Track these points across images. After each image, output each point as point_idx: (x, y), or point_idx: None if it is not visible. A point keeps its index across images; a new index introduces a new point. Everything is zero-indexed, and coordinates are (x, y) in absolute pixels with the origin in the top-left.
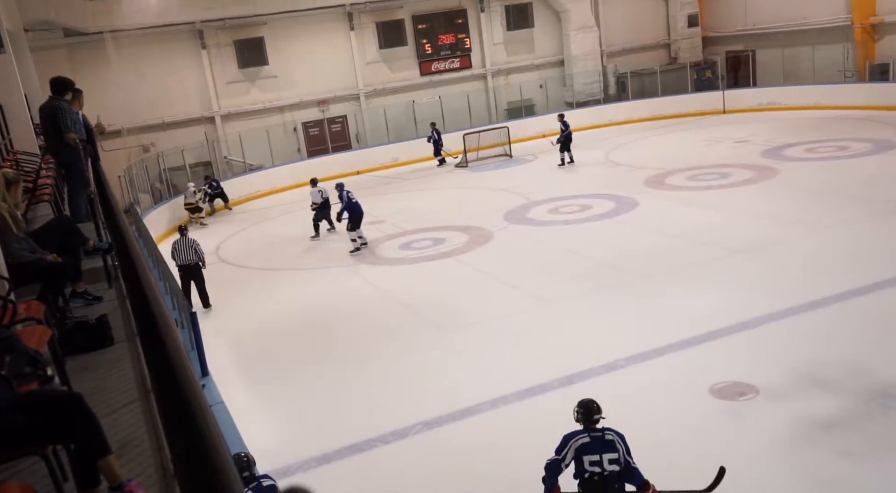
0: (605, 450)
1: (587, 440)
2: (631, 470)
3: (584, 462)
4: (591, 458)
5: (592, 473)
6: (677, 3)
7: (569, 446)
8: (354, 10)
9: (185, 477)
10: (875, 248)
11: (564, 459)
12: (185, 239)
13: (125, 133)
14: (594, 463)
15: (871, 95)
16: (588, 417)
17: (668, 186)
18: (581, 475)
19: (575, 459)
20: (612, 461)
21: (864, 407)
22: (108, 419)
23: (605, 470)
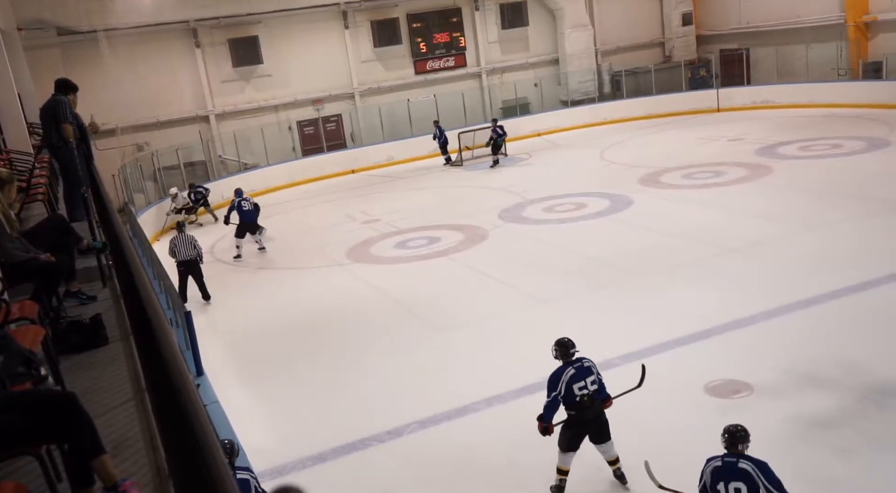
0: (586, 375)
1: (573, 372)
2: (603, 387)
3: (574, 390)
4: (579, 385)
5: (582, 396)
6: (671, 2)
7: (561, 381)
8: (349, 8)
9: (179, 477)
10: (869, 246)
11: (560, 392)
12: (183, 235)
13: (119, 132)
14: (582, 388)
15: (864, 93)
16: (566, 352)
17: (663, 184)
18: (571, 401)
19: (566, 390)
20: (593, 383)
21: (859, 405)
22: (102, 418)
23: (590, 391)
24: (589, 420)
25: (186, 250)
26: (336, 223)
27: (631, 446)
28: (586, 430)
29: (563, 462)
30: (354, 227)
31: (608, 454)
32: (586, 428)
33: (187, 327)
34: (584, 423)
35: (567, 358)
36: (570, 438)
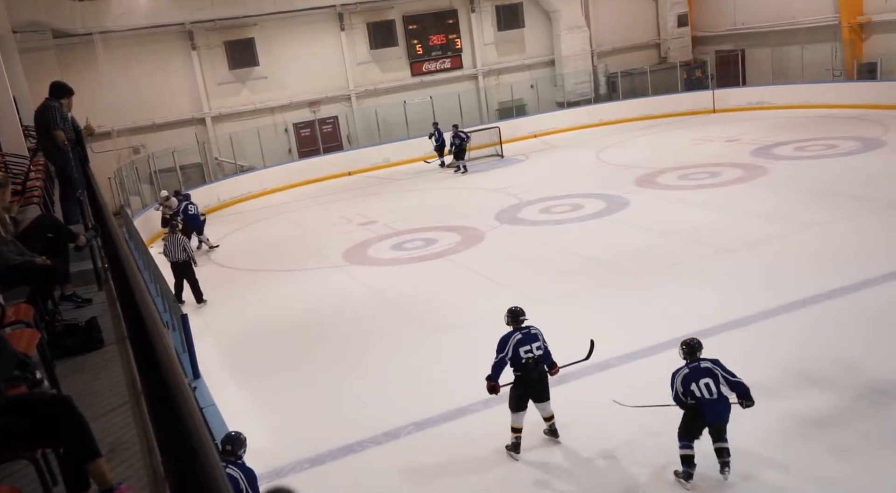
0: (532, 341)
1: (520, 336)
2: (548, 354)
3: (520, 352)
4: (524, 348)
5: (527, 358)
6: (667, 3)
7: (508, 344)
8: (345, 10)
9: (174, 480)
10: (866, 246)
11: (507, 354)
12: (174, 236)
13: (115, 134)
14: (527, 352)
15: (859, 93)
16: (516, 319)
17: (659, 185)
18: (518, 362)
19: (512, 353)
20: (538, 348)
21: (855, 404)
22: (98, 421)
23: (534, 354)
24: (534, 380)
25: (177, 252)
26: (332, 225)
27: (629, 446)
28: (531, 390)
29: (516, 421)
30: (351, 228)
31: (545, 411)
32: (531, 388)
33: (184, 330)
34: (528, 383)
35: (517, 324)
36: (518, 397)
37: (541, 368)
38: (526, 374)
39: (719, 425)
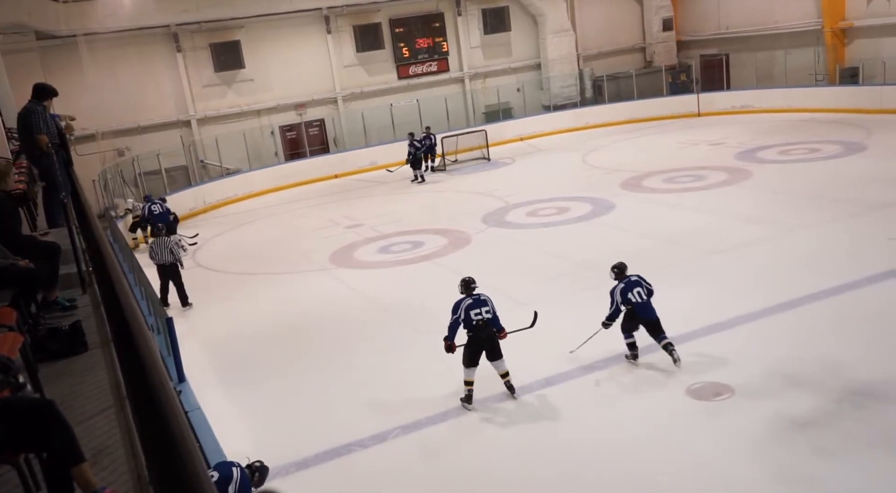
0: (482, 305)
1: (471, 301)
2: (496, 319)
3: (471, 315)
4: (475, 311)
5: (478, 320)
6: (652, 7)
7: (461, 308)
8: (331, 13)
9: (159, 484)
10: (848, 248)
11: (459, 316)
12: (161, 239)
13: (99, 137)
14: (477, 314)
15: (841, 97)
16: (468, 288)
17: (645, 188)
18: (470, 324)
19: (464, 315)
20: (486, 312)
21: (837, 406)
22: (82, 426)
23: (484, 317)
24: (483, 339)
25: (163, 255)
26: (319, 228)
27: (613, 449)
28: (482, 348)
29: (468, 376)
30: (338, 231)
31: (500, 368)
32: (482, 346)
33: (168, 334)
34: (479, 342)
35: (468, 292)
36: (470, 354)
37: (490, 329)
38: (477, 334)
39: (653, 321)
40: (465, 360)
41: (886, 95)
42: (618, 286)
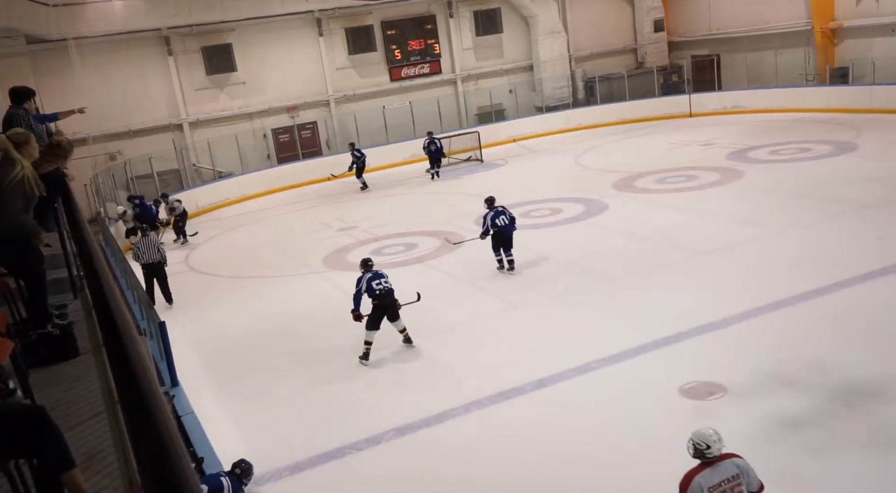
0: (381, 277)
1: (370, 275)
2: (393, 289)
3: (373, 285)
4: (376, 282)
5: (379, 289)
6: (643, 9)
7: (363, 281)
8: (323, 16)
9: (150, 489)
10: (837, 248)
11: (362, 288)
12: (147, 239)
13: (91, 141)
14: (378, 284)
15: (831, 97)
16: (366, 265)
17: (637, 188)
18: (373, 293)
19: (367, 287)
20: (385, 282)
21: (829, 405)
22: (73, 431)
23: (384, 287)
24: (386, 305)
25: (150, 254)
26: (312, 231)
27: (606, 448)
28: (385, 313)
29: (368, 337)
30: (330, 234)
31: (399, 326)
32: (384, 312)
33: (161, 338)
34: (383, 307)
35: (367, 269)
36: (375, 319)
37: (391, 297)
38: (381, 301)
39: (511, 239)
40: (369, 324)
41: (876, 94)
42: (488, 214)
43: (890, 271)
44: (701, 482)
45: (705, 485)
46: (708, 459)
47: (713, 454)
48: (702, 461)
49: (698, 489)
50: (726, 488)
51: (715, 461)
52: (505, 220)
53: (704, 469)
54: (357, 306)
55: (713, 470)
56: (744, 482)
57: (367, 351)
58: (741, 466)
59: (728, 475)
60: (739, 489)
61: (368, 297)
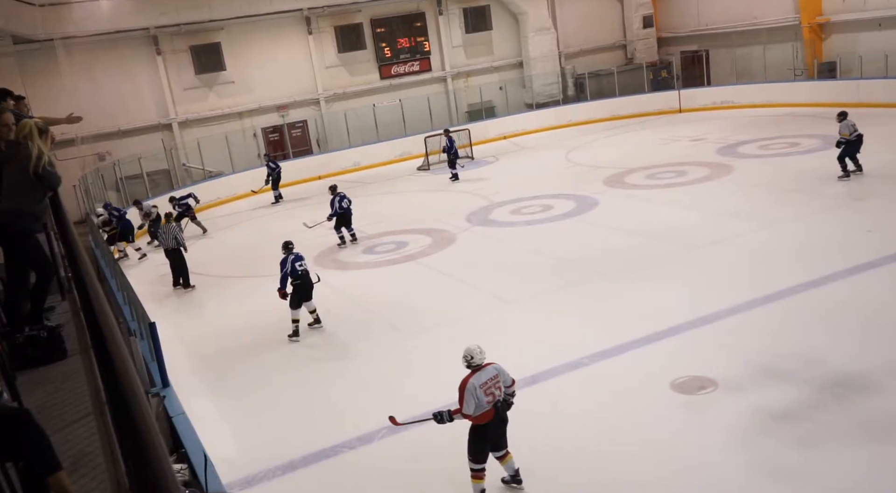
0: (302, 259)
1: (293, 256)
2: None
3: (296, 267)
4: (298, 263)
5: (301, 270)
6: (632, 5)
7: (288, 262)
8: (312, 14)
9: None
10: (826, 241)
11: (287, 270)
12: (167, 225)
13: (79, 142)
14: (300, 266)
15: (819, 92)
16: (287, 247)
17: (628, 184)
18: (296, 273)
19: (291, 268)
20: (304, 264)
21: (817, 397)
22: (61, 433)
23: (305, 268)
24: (307, 287)
25: (167, 241)
26: (303, 230)
27: (599, 444)
28: (305, 293)
29: (295, 315)
30: (322, 233)
31: (311, 306)
32: (305, 292)
33: (152, 338)
34: (304, 288)
35: (289, 252)
36: (298, 298)
37: (310, 277)
38: (303, 281)
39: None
40: (293, 303)
41: (863, 88)
42: (334, 198)
43: (879, 263)
44: (474, 383)
45: (477, 384)
46: (475, 366)
47: (477, 363)
48: (472, 369)
49: (473, 388)
50: (490, 384)
51: (480, 367)
52: (346, 203)
53: (475, 374)
54: (283, 287)
55: (480, 374)
56: (501, 379)
57: (296, 328)
58: (498, 368)
59: (490, 375)
60: (499, 384)
61: (290, 277)
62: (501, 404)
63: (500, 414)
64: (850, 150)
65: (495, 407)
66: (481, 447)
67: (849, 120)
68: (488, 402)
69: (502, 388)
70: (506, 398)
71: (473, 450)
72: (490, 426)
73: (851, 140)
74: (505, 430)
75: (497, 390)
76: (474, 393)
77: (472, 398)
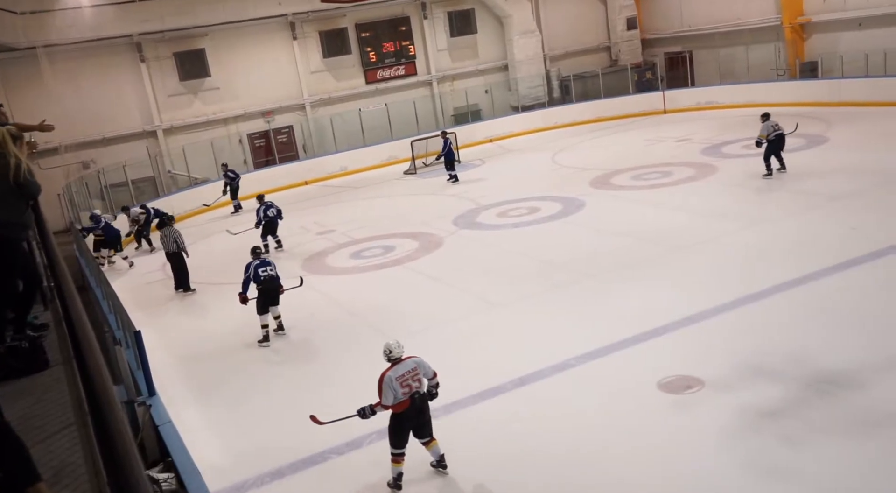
0: (267, 265)
1: (258, 262)
2: (279, 276)
3: (259, 272)
4: (262, 269)
5: (265, 276)
6: (616, 7)
7: (251, 268)
8: (296, 19)
9: None
10: (810, 240)
11: (250, 275)
12: (169, 229)
13: (63, 150)
14: (264, 271)
15: (801, 91)
16: (254, 252)
17: (614, 186)
18: (259, 279)
19: (254, 273)
20: (271, 270)
21: (803, 394)
22: (43, 444)
23: (269, 273)
24: (270, 290)
25: (168, 244)
26: (290, 235)
27: (587, 444)
28: (270, 296)
29: (263, 321)
30: (309, 238)
31: (275, 312)
32: (270, 295)
33: (138, 347)
34: (268, 292)
35: (256, 257)
36: (263, 303)
37: (275, 282)
38: (266, 286)
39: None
40: (259, 308)
41: (845, 88)
42: (260, 207)
43: (863, 260)
44: (391, 376)
45: (394, 376)
46: (394, 359)
47: (395, 357)
48: (391, 362)
49: (389, 381)
50: (408, 376)
51: (399, 361)
52: (273, 212)
53: (392, 367)
54: (245, 291)
55: (398, 367)
56: (421, 372)
57: (266, 334)
58: (418, 362)
59: (408, 368)
60: (418, 377)
61: (254, 282)
62: (418, 395)
63: (416, 404)
64: (773, 149)
65: (412, 398)
66: (399, 433)
67: (770, 121)
68: (405, 393)
69: (422, 380)
70: (429, 390)
71: (393, 436)
72: (407, 414)
73: (771, 140)
74: (427, 419)
75: (415, 382)
76: (391, 385)
77: (389, 390)
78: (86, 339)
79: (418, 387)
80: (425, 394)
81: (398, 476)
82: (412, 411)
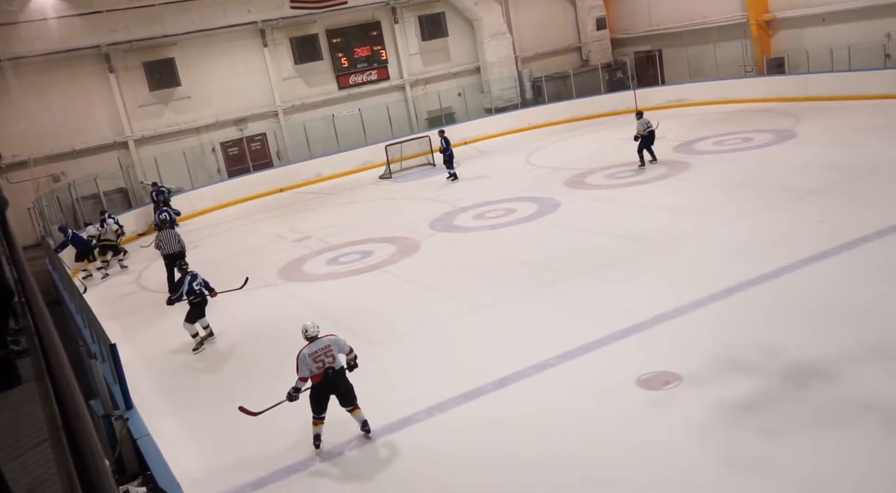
0: (197, 279)
1: (190, 277)
2: (208, 284)
3: (192, 285)
4: (195, 282)
5: (198, 288)
6: (585, 7)
7: (185, 283)
8: (266, 26)
9: None
10: (781, 234)
11: (184, 287)
12: (170, 231)
13: (32, 164)
14: (197, 285)
15: (769, 87)
16: (183, 268)
17: (588, 185)
18: (192, 291)
19: (188, 288)
20: (200, 283)
21: (780, 387)
22: (17, 461)
23: (201, 285)
24: (199, 303)
25: (170, 245)
26: (266, 243)
27: (570, 444)
28: (199, 308)
29: (191, 329)
30: (285, 246)
31: (204, 322)
32: (199, 307)
33: (113, 360)
34: (199, 305)
35: (185, 272)
36: (194, 314)
37: (204, 295)
38: (197, 298)
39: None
40: (189, 318)
41: (811, 82)
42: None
43: (832, 253)
44: (305, 352)
45: (307, 353)
46: (310, 338)
47: (311, 335)
48: (308, 340)
49: (304, 357)
50: (321, 353)
51: (315, 338)
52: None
53: (308, 345)
54: (177, 300)
55: (313, 345)
56: (335, 348)
57: (200, 342)
58: (332, 340)
59: (322, 345)
60: (332, 353)
61: (187, 295)
62: (332, 370)
63: (329, 377)
64: (646, 143)
65: (325, 372)
66: (317, 400)
67: (644, 119)
68: (318, 367)
69: (336, 356)
70: (348, 362)
71: (313, 402)
72: (321, 385)
73: (645, 135)
74: (347, 389)
75: (328, 357)
76: (305, 361)
77: (304, 365)
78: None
79: (331, 363)
80: (341, 369)
81: (317, 437)
82: (326, 382)
